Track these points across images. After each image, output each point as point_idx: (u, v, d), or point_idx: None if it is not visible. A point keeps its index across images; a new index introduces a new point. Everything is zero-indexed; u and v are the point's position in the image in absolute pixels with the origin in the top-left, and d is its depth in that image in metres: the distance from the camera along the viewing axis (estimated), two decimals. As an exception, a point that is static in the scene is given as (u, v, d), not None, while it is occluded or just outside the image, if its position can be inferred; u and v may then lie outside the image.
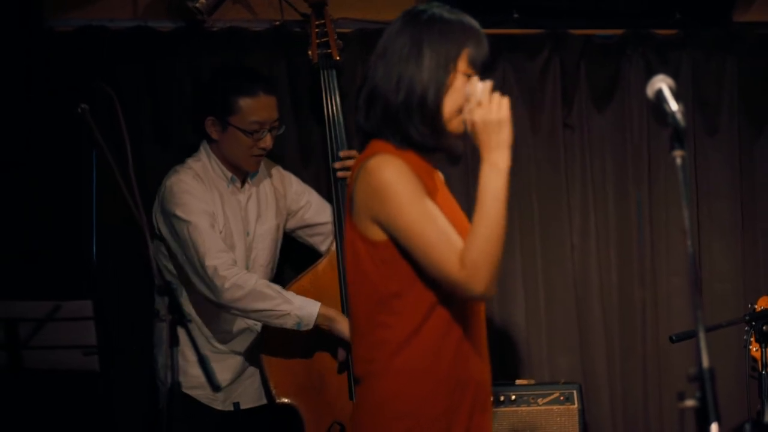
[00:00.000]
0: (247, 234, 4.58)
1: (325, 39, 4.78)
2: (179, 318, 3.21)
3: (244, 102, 4.49)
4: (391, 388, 3.07)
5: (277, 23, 5.16)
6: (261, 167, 4.67)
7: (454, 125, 3.10)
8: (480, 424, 3.14)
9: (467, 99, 3.03)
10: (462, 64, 3.07)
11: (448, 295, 3.03)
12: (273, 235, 4.69)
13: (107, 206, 4.46)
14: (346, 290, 3.24)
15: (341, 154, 4.70)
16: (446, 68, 3.05)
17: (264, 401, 4.67)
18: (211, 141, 4.57)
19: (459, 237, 2.99)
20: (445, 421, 3.06)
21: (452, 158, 3.25)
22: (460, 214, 3.22)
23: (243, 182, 4.62)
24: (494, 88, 3.05)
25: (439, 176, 3.29)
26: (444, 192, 3.22)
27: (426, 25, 3.08)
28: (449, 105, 3.07)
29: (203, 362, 3.18)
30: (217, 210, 4.49)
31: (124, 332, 4.83)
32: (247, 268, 4.54)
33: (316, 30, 4.80)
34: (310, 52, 4.79)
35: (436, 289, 3.04)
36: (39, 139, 4.87)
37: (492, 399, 3.29)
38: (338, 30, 4.96)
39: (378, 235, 3.03)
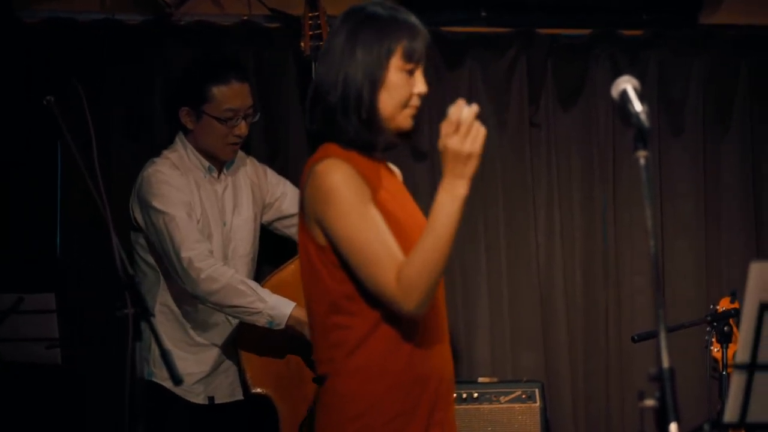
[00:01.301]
0: (224, 224, 4.58)
1: (318, 32, 4.75)
2: (142, 312, 3.19)
3: (218, 90, 4.50)
4: (348, 388, 3.06)
5: (245, 17, 5.15)
6: (237, 158, 4.67)
7: (400, 121, 3.09)
8: (442, 420, 3.13)
9: (447, 120, 2.99)
10: (397, 60, 3.06)
11: None
12: (251, 226, 4.68)
13: (73, 199, 4.44)
14: (306, 292, 3.22)
15: None
16: (380, 64, 3.05)
17: (238, 397, 4.66)
18: (186, 132, 4.57)
19: (399, 250, 2.98)
20: (402, 419, 3.05)
21: (416, 154, 3.24)
22: (415, 212, 3.21)
23: (219, 172, 4.62)
24: (478, 116, 3.02)
25: (394, 175, 3.29)
26: (396, 191, 3.20)
27: (361, 23, 3.08)
28: (388, 101, 3.06)
29: (165, 356, 3.17)
30: (195, 199, 4.49)
31: (94, 326, 4.80)
32: (227, 258, 4.54)
33: (309, 22, 4.77)
34: (302, 44, 4.77)
35: None
36: (5, 132, 4.84)
37: (455, 396, 3.29)
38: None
39: (322, 239, 3.03)
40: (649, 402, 2.48)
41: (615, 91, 2.79)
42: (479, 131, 2.98)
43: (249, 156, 4.82)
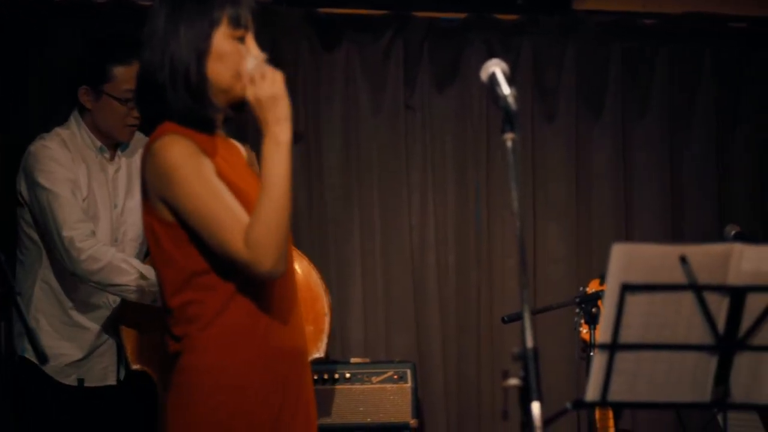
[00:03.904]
0: (115, 206, 4.53)
1: None
2: (8, 291, 3.15)
3: (118, 70, 4.45)
4: (203, 363, 3.04)
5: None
6: (136, 141, 4.62)
7: (240, 90, 3.07)
8: (297, 393, 3.12)
9: (241, 76, 3.00)
10: (224, 28, 3.05)
11: None
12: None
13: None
14: (157, 274, 3.18)
15: None
16: (205, 36, 3.03)
17: (110, 382, 4.61)
18: (83, 111, 4.51)
19: (245, 215, 2.96)
20: (259, 394, 3.05)
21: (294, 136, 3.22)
22: (257, 184, 3.20)
23: (113, 154, 4.56)
24: (268, 62, 3.01)
25: (235, 149, 3.27)
26: (236, 163, 3.19)
27: (179, 0, 3.08)
28: (220, 72, 3.05)
29: (29, 333, 3.13)
30: (82, 179, 4.43)
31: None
32: (116, 241, 4.48)
33: None
34: None
35: None
36: None
37: (311, 369, 3.27)
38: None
39: (169, 216, 3.01)
40: (513, 381, 2.51)
41: (484, 74, 2.81)
42: (274, 74, 2.97)
43: (147, 138, 4.76)
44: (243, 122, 4.35)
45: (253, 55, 3.02)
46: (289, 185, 2.95)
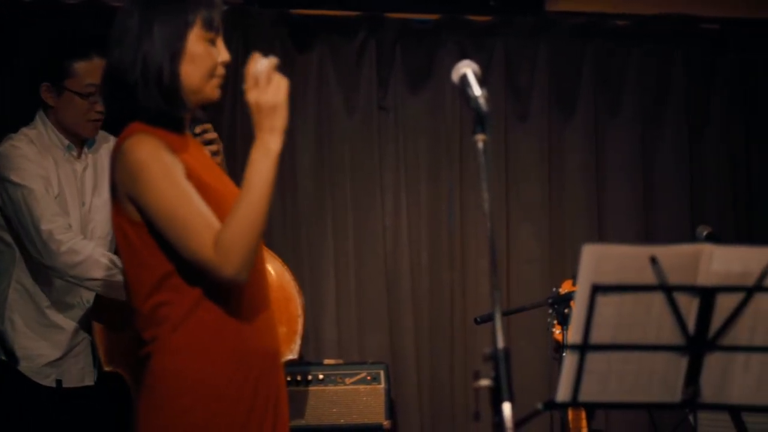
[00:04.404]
0: (83, 204, 4.52)
1: None
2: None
3: (79, 65, 4.44)
4: (173, 366, 3.02)
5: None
6: (101, 138, 4.61)
7: (208, 92, 3.07)
8: (267, 394, 3.11)
9: (246, 76, 2.99)
10: (198, 29, 3.05)
11: None
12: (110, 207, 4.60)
13: None
14: (127, 276, 3.17)
15: (196, 129, 4.65)
16: (179, 36, 3.03)
17: (87, 383, 4.60)
18: (47, 108, 4.50)
19: (215, 217, 2.95)
20: (229, 397, 3.04)
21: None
22: (229, 183, 3.19)
23: (80, 151, 4.56)
24: (278, 68, 2.98)
25: (204, 149, 3.27)
26: (207, 163, 3.18)
27: (153, 1, 3.07)
28: (194, 72, 3.05)
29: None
30: (52, 176, 4.42)
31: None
32: (85, 239, 4.47)
33: None
34: None
35: None
36: None
37: (284, 369, 3.26)
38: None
39: (137, 216, 3.00)
40: (484, 382, 2.51)
41: (455, 76, 2.82)
42: (280, 82, 2.96)
43: (111, 135, 4.75)
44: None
45: (267, 59, 2.99)
46: (269, 194, 2.93)
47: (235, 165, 3.55)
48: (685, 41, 5.80)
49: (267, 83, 2.94)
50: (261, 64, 2.96)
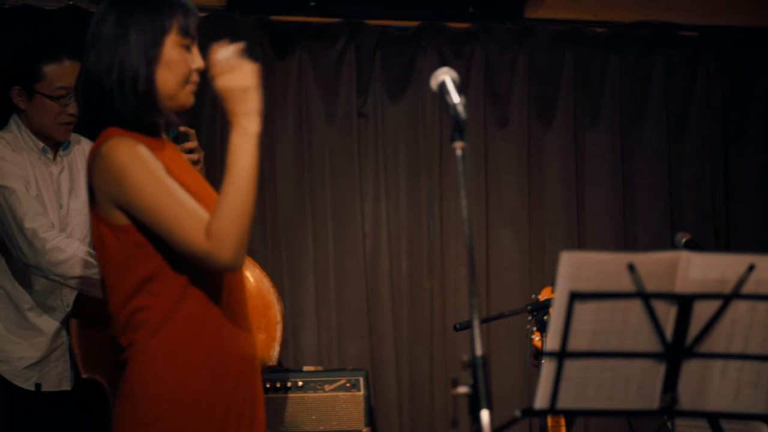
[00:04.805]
0: (60, 207, 4.51)
1: None
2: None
3: (49, 68, 4.44)
4: (151, 371, 3.02)
5: (71, 2, 5.08)
6: (73, 140, 4.60)
7: (183, 98, 3.08)
8: (243, 397, 3.11)
9: (212, 64, 2.99)
10: (174, 36, 3.06)
11: (203, 272, 3.01)
12: (87, 210, 4.60)
13: None
14: (106, 282, 3.16)
15: (180, 129, 4.64)
16: (156, 42, 3.03)
17: (65, 387, 4.59)
18: (20, 112, 4.49)
19: (204, 210, 2.96)
20: (206, 401, 3.03)
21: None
22: (206, 184, 3.20)
23: (55, 154, 4.55)
24: (243, 53, 3.00)
25: (180, 152, 3.27)
26: (184, 166, 3.19)
27: (131, 5, 3.07)
28: (170, 79, 3.05)
29: None
30: (30, 179, 4.42)
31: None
32: None
33: None
34: None
35: (191, 267, 3.01)
36: None
37: (261, 376, 3.25)
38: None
39: (122, 219, 3.00)
40: (462, 389, 2.51)
41: (434, 83, 2.82)
42: (248, 66, 2.97)
43: (84, 138, 4.75)
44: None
45: (228, 48, 2.99)
46: (255, 176, 2.94)
47: (214, 172, 3.54)
48: (664, 48, 5.83)
49: (234, 68, 2.95)
50: (225, 50, 2.97)
